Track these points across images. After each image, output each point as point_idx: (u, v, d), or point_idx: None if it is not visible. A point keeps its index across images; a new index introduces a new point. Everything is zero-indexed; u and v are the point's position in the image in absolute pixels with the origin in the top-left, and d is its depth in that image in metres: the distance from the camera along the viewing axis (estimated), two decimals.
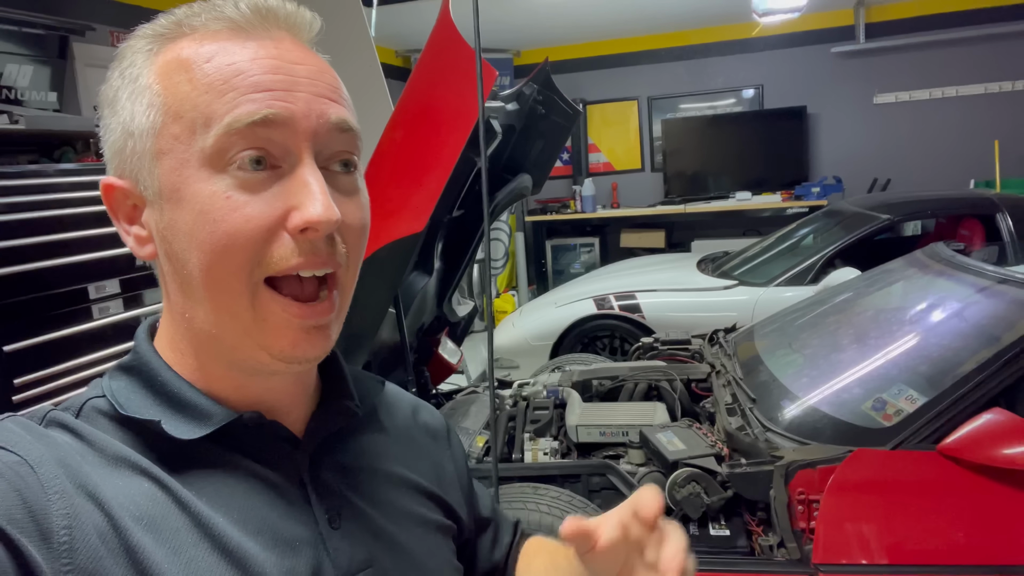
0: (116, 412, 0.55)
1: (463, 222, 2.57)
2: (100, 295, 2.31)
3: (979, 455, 1.60)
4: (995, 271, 2.09)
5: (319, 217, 0.51)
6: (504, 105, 2.44)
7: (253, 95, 0.51)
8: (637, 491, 0.57)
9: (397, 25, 5.24)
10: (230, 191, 0.51)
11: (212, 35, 0.53)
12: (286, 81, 0.52)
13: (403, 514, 0.65)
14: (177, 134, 0.52)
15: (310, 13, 0.58)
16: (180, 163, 0.52)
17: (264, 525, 0.54)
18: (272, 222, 0.51)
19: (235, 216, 0.51)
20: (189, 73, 0.52)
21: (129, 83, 0.54)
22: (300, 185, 0.52)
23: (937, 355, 1.96)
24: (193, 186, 0.51)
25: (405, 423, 0.73)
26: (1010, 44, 5.88)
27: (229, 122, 0.50)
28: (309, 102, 0.53)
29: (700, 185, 6.76)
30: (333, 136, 0.55)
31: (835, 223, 4.17)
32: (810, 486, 1.72)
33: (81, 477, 0.49)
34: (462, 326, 3.00)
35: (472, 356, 4.87)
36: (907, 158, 6.26)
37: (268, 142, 0.52)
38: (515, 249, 6.76)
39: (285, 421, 0.60)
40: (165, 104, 0.52)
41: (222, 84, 0.51)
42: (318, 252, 0.53)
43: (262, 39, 0.54)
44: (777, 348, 2.46)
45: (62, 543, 0.45)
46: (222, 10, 0.54)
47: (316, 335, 0.54)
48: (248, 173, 0.51)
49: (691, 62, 6.73)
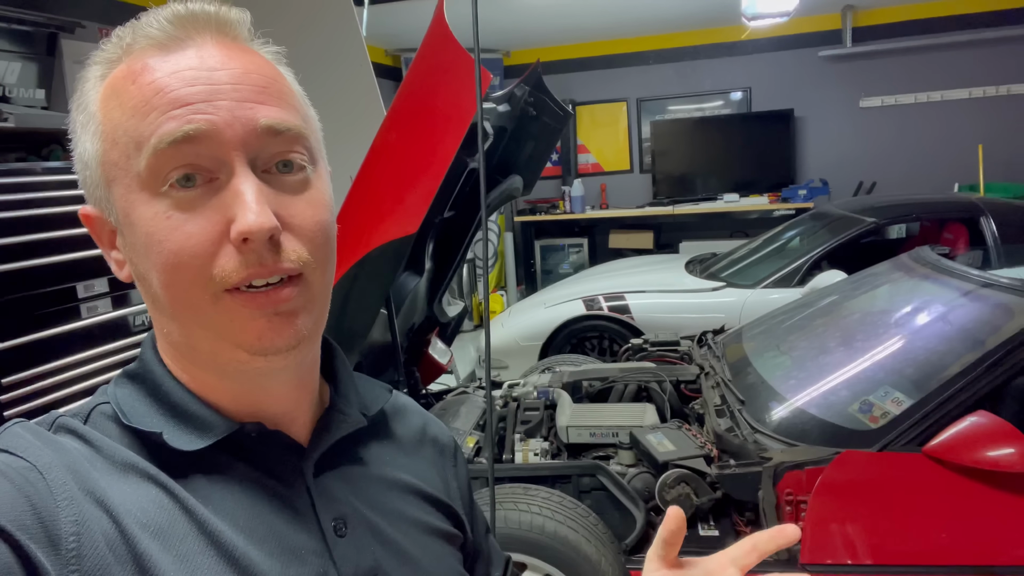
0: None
1: (454, 223, 2.57)
2: (88, 294, 2.30)
3: (964, 457, 1.62)
4: (979, 275, 2.12)
5: (250, 226, 0.50)
6: (496, 106, 2.45)
7: (173, 112, 0.51)
8: (781, 526, 0.63)
9: (388, 25, 5.23)
10: (169, 211, 0.51)
11: (139, 54, 0.53)
12: (205, 91, 0.51)
13: (410, 522, 0.65)
14: (116, 160, 0.52)
15: (236, 10, 0.56)
16: (125, 188, 0.52)
17: (269, 533, 0.54)
18: (214, 236, 0.51)
19: (177, 235, 0.51)
20: (119, 98, 0.52)
21: (81, 112, 0.55)
22: (233, 196, 0.51)
23: (923, 358, 1.99)
24: (138, 209, 0.52)
25: (413, 432, 0.73)
26: (994, 49, 5.96)
27: (154, 144, 0.50)
28: (232, 110, 0.52)
29: (688, 187, 6.80)
30: (266, 140, 0.53)
31: (821, 226, 4.21)
32: (798, 487, 1.74)
33: (89, 483, 0.49)
34: (452, 326, 3.01)
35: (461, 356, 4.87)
36: (892, 161, 6.33)
37: (197, 156, 0.51)
38: (504, 249, 6.77)
39: (289, 429, 0.60)
40: (103, 131, 0.53)
41: (144, 105, 0.51)
42: (264, 261, 0.52)
43: (184, 49, 0.53)
44: (765, 350, 2.48)
45: (70, 549, 0.45)
46: (145, 28, 0.53)
47: (280, 322, 0.53)
48: (181, 192, 0.51)
49: (680, 64, 6.76)
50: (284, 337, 0.54)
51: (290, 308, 0.54)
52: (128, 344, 2.43)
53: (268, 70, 0.56)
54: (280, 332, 0.53)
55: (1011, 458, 1.57)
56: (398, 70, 6.52)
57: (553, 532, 1.83)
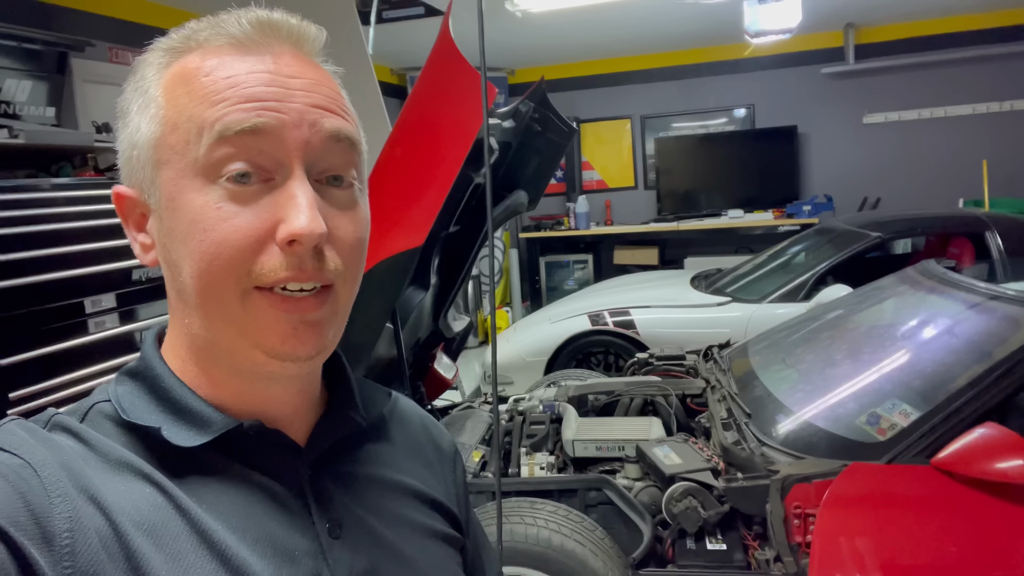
0: (120, 417, 0.55)
1: (459, 238, 2.58)
2: (96, 309, 2.31)
3: (972, 469, 1.61)
4: (986, 287, 2.12)
5: (302, 229, 0.51)
6: (500, 122, 2.46)
7: (244, 105, 0.52)
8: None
9: (394, 44, 5.29)
10: (221, 202, 0.52)
11: (215, 50, 0.55)
12: (279, 92, 0.53)
13: (407, 524, 0.65)
14: (174, 144, 0.53)
15: (315, 27, 0.58)
16: (177, 173, 0.53)
17: (263, 534, 0.54)
18: (261, 233, 0.52)
19: (224, 226, 0.52)
20: (188, 85, 0.53)
21: (139, 96, 0.56)
22: (288, 198, 0.52)
23: (930, 370, 1.98)
24: (187, 195, 0.53)
25: (413, 435, 0.73)
26: (998, 65, 5.98)
27: (219, 130, 0.51)
28: (302, 112, 0.54)
29: (693, 203, 6.81)
30: (328, 147, 0.55)
31: (826, 241, 4.20)
32: (806, 500, 1.73)
33: (83, 481, 0.49)
34: (457, 341, 3.01)
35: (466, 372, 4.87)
36: (896, 177, 6.33)
37: (258, 153, 0.52)
38: (509, 265, 6.78)
39: (288, 430, 0.60)
40: (165, 116, 0.54)
41: (215, 95, 0.52)
42: (304, 266, 0.53)
43: (262, 54, 0.55)
44: (771, 363, 2.47)
45: (64, 546, 0.45)
46: (226, 26, 0.55)
47: (306, 331, 0.54)
48: (238, 185, 0.52)
49: (683, 82, 6.80)
50: (306, 346, 0.54)
51: (316, 318, 0.55)
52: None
53: (336, 87, 0.58)
54: (303, 341, 0.54)
55: (1021, 470, 1.56)
56: (403, 88, 6.58)
57: (560, 546, 1.82)
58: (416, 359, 2.75)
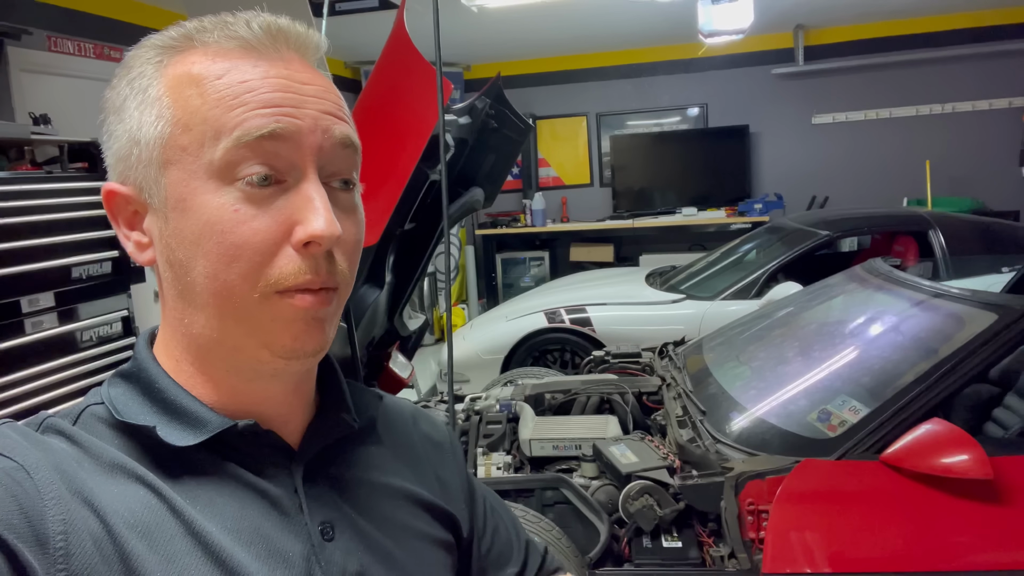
0: (114, 418, 0.55)
1: (415, 235, 2.55)
2: (33, 308, 2.21)
3: (919, 464, 1.65)
4: (931, 286, 2.17)
5: (321, 231, 0.52)
6: (457, 118, 2.44)
7: (262, 110, 0.53)
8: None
9: (347, 37, 5.21)
10: (237, 204, 0.52)
11: (224, 52, 0.55)
12: (294, 99, 0.54)
13: (399, 527, 0.65)
14: (185, 145, 0.53)
15: (318, 35, 0.59)
16: (188, 174, 0.53)
17: (257, 535, 0.55)
18: (278, 235, 0.53)
19: (243, 228, 0.52)
20: (200, 87, 0.53)
21: (138, 93, 0.55)
22: (304, 200, 0.53)
23: (878, 367, 2.03)
24: (200, 197, 0.53)
25: (405, 435, 0.73)
26: (941, 68, 6.18)
27: (238, 135, 0.52)
28: (316, 118, 0.55)
29: (647, 200, 6.88)
30: (336, 152, 0.56)
31: (777, 239, 4.29)
32: (759, 496, 1.75)
33: (77, 483, 0.49)
34: (413, 340, 2.97)
35: (422, 370, 4.83)
36: (844, 176, 6.50)
37: (275, 157, 0.53)
38: (465, 262, 6.75)
39: (282, 431, 0.60)
40: (175, 116, 0.54)
41: (233, 99, 0.53)
42: (320, 270, 0.54)
43: (273, 59, 0.55)
44: (725, 361, 2.51)
45: (58, 549, 0.45)
46: (235, 29, 0.55)
47: (316, 327, 0.55)
48: (255, 188, 0.53)
49: (638, 80, 6.86)
50: (313, 343, 0.56)
51: (322, 315, 0.56)
52: (77, 360, 2.34)
53: (339, 95, 0.60)
54: (312, 337, 0.56)
55: (964, 464, 1.60)
56: (357, 82, 6.49)
57: None
58: (371, 358, 2.71)
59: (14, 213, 2.12)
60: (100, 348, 2.45)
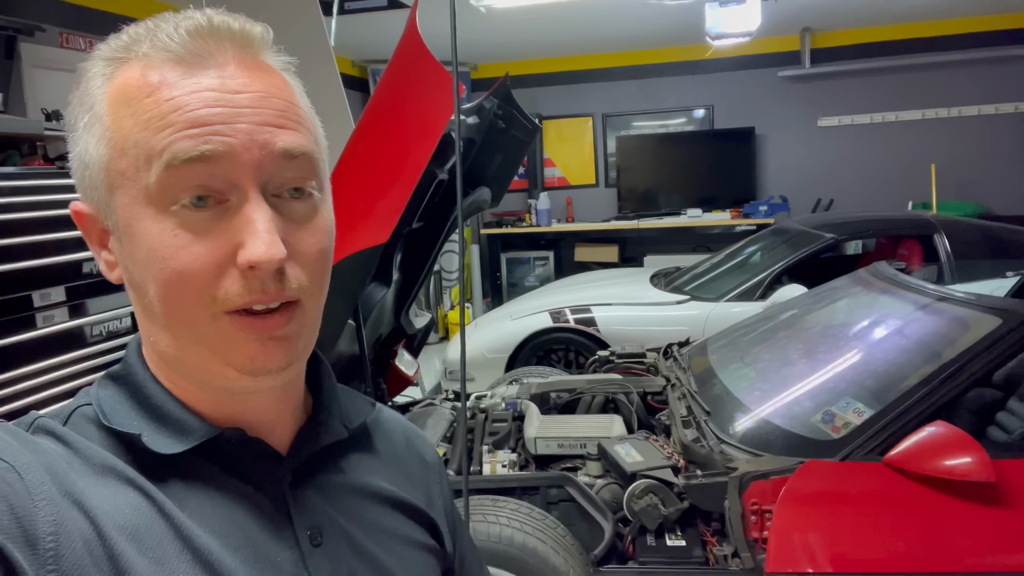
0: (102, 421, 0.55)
1: (422, 234, 2.57)
2: (45, 303, 2.23)
3: (922, 466, 1.67)
4: (935, 289, 2.18)
5: (260, 257, 0.50)
6: (465, 119, 2.45)
7: (190, 131, 0.50)
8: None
9: (356, 36, 5.22)
10: (176, 229, 0.51)
11: (156, 65, 0.52)
12: (225, 113, 0.51)
13: (387, 533, 0.65)
14: (123, 170, 0.52)
15: (260, 26, 0.56)
16: (130, 199, 0.52)
17: (245, 541, 0.54)
18: (220, 259, 0.51)
19: (183, 254, 0.51)
20: (132, 107, 0.51)
21: (86, 111, 0.54)
22: (244, 222, 0.51)
23: (882, 370, 2.04)
24: (142, 223, 0.51)
25: (397, 446, 0.73)
26: (947, 72, 6.17)
27: (167, 159, 0.50)
28: (251, 133, 0.52)
29: (652, 201, 6.88)
30: (281, 164, 0.53)
31: (782, 241, 4.29)
32: (763, 496, 1.77)
33: (68, 484, 0.49)
34: (419, 338, 2.99)
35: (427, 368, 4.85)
36: (849, 179, 6.49)
37: (210, 177, 0.51)
38: (470, 262, 6.77)
39: (269, 437, 0.60)
40: (112, 139, 0.52)
41: (159, 120, 0.50)
42: (267, 289, 0.52)
43: (205, 67, 0.52)
44: (730, 362, 2.52)
45: (48, 549, 0.45)
46: (165, 39, 0.52)
47: (274, 347, 0.54)
48: (192, 212, 0.51)
49: (645, 81, 6.87)
50: (276, 360, 0.54)
51: (284, 333, 0.54)
52: (86, 355, 2.36)
53: (287, 92, 0.56)
54: (272, 356, 0.54)
55: (967, 467, 1.62)
56: (365, 81, 6.50)
57: (521, 544, 1.83)
58: (377, 356, 2.72)
59: (26, 208, 2.14)
60: (109, 343, 2.47)
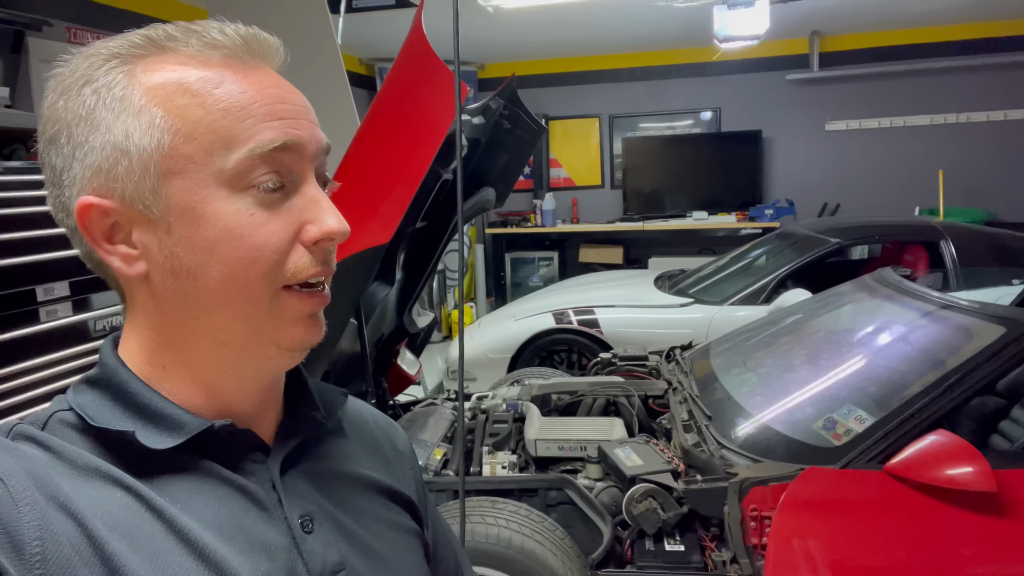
0: (84, 424, 0.55)
1: (426, 233, 2.57)
2: (48, 297, 2.24)
3: (923, 475, 1.65)
4: (940, 297, 2.17)
5: (335, 228, 0.58)
6: (471, 119, 2.45)
7: (270, 123, 0.56)
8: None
9: (362, 34, 5.22)
10: (252, 208, 0.55)
11: (206, 61, 0.56)
12: (292, 110, 0.58)
13: (373, 517, 0.67)
14: (190, 155, 0.54)
15: (278, 41, 0.61)
16: (195, 183, 0.54)
17: (238, 530, 0.56)
18: (291, 235, 0.57)
19: (261, 231, 0.56)
20: (198, 97, 0.54)
21: (113, 101, 0.54)
22: (310, 202, 0.58)
23: (885, 377, 2.03)
24: (213, 204, 0.55)
25: (370, 433, 0.76)
26: (955, 78, 6.14)
27: (252, 147, 0.55)
28: (310, 129, 0.59)
29: (658, 203, 6.87)
30: (321, 158, 0.61)
31: (787, 245, 4.28)
32: (763, 503, 1.76)
33: (52, 488, 0.49)
34: (421, 337, 2.99)
35: (429, 368, 4.85)
36: (856, 184, 6.47)
37: (281, 165, 0.56)
38: (475, 261, 6.77)
39: (256, 429, 0.62)
40: (174, 126, 0.54)
41: (240, 111, 0.55)
42: (328, 261, 0.59)
43: (252, 68, 0.57)
44: (732, 366, 2.51)
45: (34, 554, 0.45)
46: (214, 36, 0.56)
47: (314, 323, 0.60)
48: (267, 194, 0.56)
49: (652, 83, 6.85)
50: (316, 336, 0.60)
51: (321, 313, 0.61)
52: (88, 349, 2.37)
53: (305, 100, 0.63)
54: (314, 332, 0.60)
55: (968, 477, 1.61)
56: (372, 79, 6.51)
57: (520, 546, 1.83)
58: (379, 355, 2.73)
59: (32, 203, 2.15)
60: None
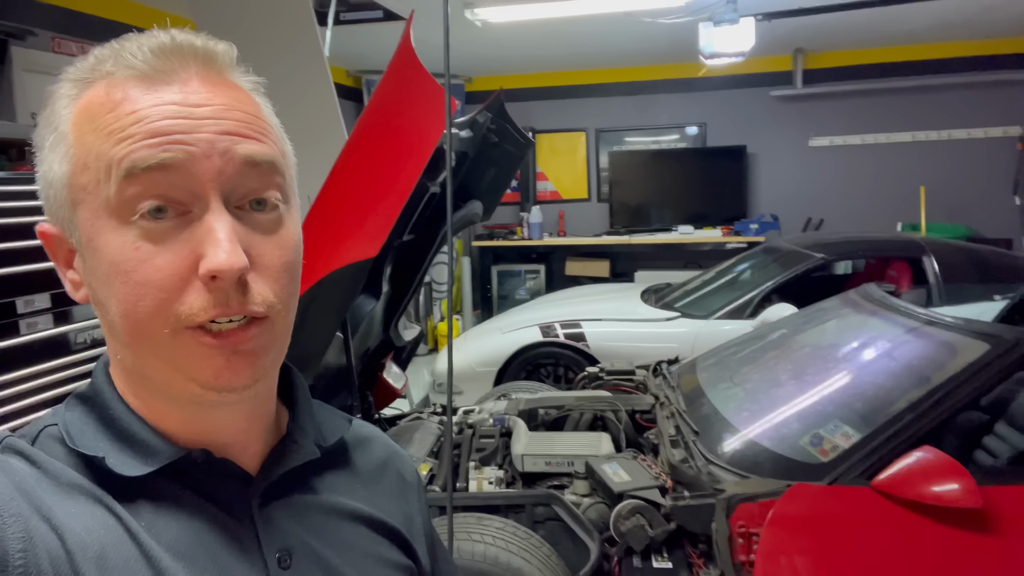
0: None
1: (412, 247, 2.56)
2: (29, 309, 2.20)
3: (909, 491, 1.66)
4: (924, 313, 2.19)
5: (220, 265, 0.50)
6: (458, 132, 2.45)
7: (149, 141, 0.51)
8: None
9: (350, 45, 5.23)
10: (138, 241, 0.51)
11: (119, 84, 0.53)
12: (186, 124, 0.52)
13: (360, 554, 0.64)
14: (85, 184, 0.52)
15: (223, 44, 0.57)
16: (92, 213, 0.52)
17: (211, 563, 0.54)
18: (183, 270, 0.51)
19: (145, 267, 0.51)
20: (94, 122, 0.52)
21: (51, 131, 0.54)
22: (205, 232, 0.51)
23: (871, 393, 2.03)
24: (104, 236, 0.51)
25: (375, 464, 0.72)
26: (937, 96, 6.24)
27: (126, 168, 0.50)
28: (212, 141, 0.52)
29: (644, 217, 6.91)
30: (244, 172, 0.53)
31: (772, 260, 4.31)
32: (750, 519, 1.76)
33: (36, 502, 0.49)
34: (407, 351, 2.98)
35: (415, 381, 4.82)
36: (839, 199, 6.54)
37: (170, 187, 0.51)
38: (461, 274, 6.76)
39: (239, 457, 0.59)
40: (75, 155, 0.52)
41: (120, 131, 0.51)
42: (230, 301, 0.52)
43: (168, 83, 0.53)
44: (719, 381, 2.51)
45: (17, 566, 0.45)
46: (129, 57, 0.53)
47: (239, 361, 0.53)
48: (152, 223, 0.51)
49: (638, 97, 6.90)
50: (242, 377, 0.54)
51: (250, 348, 0.54)
52: (70, 362, 2.33)
53: (250, 106, 0.56)
54: (238, 372, 0.53)
55: (954, 493, 1.61)
56: (359, 91, 6.51)
57: (507, 563, 1.81)
58: (365, 368, 2.71)
59: (13, 213, 2.12)
60: (94, 351, 2.44)
